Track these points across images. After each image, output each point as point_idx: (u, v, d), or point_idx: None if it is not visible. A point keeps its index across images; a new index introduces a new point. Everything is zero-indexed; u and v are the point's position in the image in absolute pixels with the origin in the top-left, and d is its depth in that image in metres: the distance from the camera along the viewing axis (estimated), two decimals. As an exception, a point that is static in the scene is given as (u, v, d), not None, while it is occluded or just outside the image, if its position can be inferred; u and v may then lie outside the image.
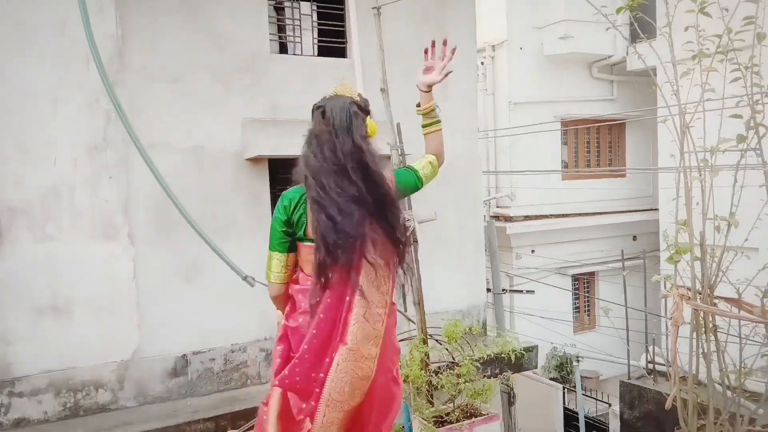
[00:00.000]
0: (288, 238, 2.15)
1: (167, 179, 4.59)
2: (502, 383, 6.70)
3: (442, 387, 3.79)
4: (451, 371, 3.84)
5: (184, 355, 4.92)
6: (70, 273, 4.58)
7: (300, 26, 5.70)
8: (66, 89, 4.56)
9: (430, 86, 2.31)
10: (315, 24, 5.78)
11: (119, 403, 4.67)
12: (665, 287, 3.25)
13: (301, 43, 5.73)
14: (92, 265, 4.64)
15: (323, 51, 5.83)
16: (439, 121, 2.38)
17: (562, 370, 10.97)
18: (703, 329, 3.00)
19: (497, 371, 4.64)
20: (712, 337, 3.02)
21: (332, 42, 5.77)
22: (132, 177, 4.74)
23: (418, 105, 2.41)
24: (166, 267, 4.89)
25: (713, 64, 2.96)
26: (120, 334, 4.69)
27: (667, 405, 3.07)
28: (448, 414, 3.78)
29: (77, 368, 4.54)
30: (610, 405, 8.82)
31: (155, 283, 4.84)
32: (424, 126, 2.43)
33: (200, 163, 5.01)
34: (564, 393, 9.11)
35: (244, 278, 4.87)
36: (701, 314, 2.97)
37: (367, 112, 2.23)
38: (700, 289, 3.00)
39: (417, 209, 4.36)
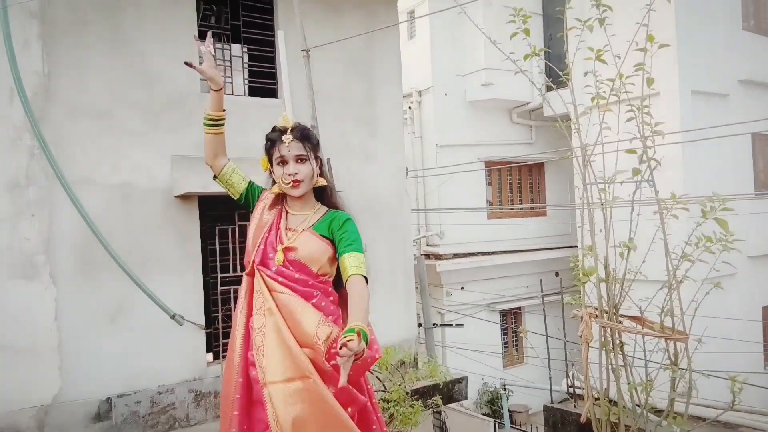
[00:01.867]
0: None
1: (93, 216, 4.56)
2: (435, 418, 6.82)
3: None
4: (382, 399, 3.94)
5: (109, 398, 4.77)
6: (-14, 315, 4.39)
7: (231, 67, 5.84)
8: (-14, 125, 4.46)
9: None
10: (246, 65, 5.94)
11: (37, 450, 4.45)
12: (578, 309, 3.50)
13: (232, 83, 5.86)
14: (10, 306, 4.47)
15: (254, 91, 5.98)
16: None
17: (494, 405, 11.19)
18: (611, 345, 3.27)
19: (429, 400, 4.76)
20: (620, 353, 3.29)
21: (263, 83, 5.94)
22: (55, 214, 4.65)
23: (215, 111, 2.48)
24: (90, 307, 4.77)
25: (609, 105, 3.32)
26: (40, 377, 4.50)
27: (582, 419, 3.29)
28: (379, 441, 3.85)
29: (-9, 415, 4.32)
30: (538, 436, 9.08)
31: (78, 324, 4.70)
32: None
33: (128, 200, 4.97)
34: (495, 427, 9.30)
35: (173, 317, 4.83)
36: (608, 331, 3.24)
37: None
38: (607, 308, 3.28)
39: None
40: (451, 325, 10.50)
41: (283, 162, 2.37)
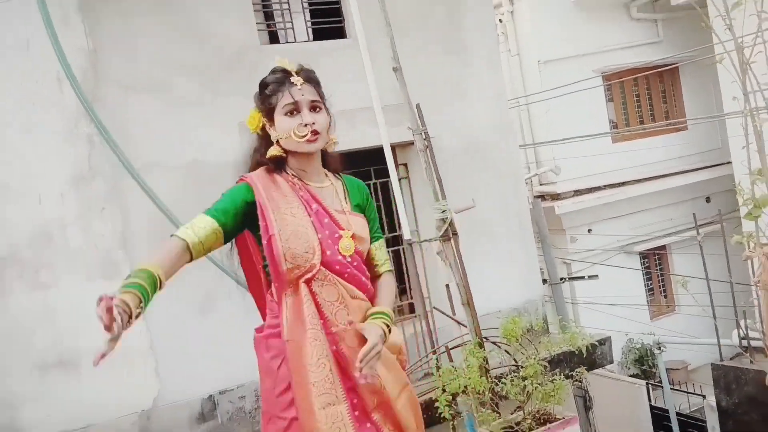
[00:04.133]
0: None
1: (165, 201, 4.80)
2: (575, 386, 6.80)
3: (507, 395, 3.92)
4: (516, 375, 3.97)
5: (211, 396, 5.12)
6: (72, 321, 4.76)
7: (289, 10, 5.86)
8: (40, 115, 4.75)
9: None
10: (306, 5, 5.95)
11: (146, 458, 4.88)
12: (749, 247, 3.33)
13: (293, 28, 5.90)
14: (95, 309, 4.83)
15: (319, 34, 5.99)
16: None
17: (643, 364, 11.01)
18: (797, 289, 3.09)
19: (568, 370, 4.75)
20: (809, 297, 3.11)
21: (328, 23, 5.93)
22: (127, 205, 4.93)
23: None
24: (177, 301, 5.05)
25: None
26: (137, 381, 4.89)
27: (768, 381, 3.17)
28: (518, 423, 3.90)
29: (95, 425, 4.74)
30: (704, 397, 8.85)
31: (168, 320, 5.00)
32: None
33: (199, 179, 5.18)
34: (649, 390, 9.16)
35: (266, 301, 5.05)
36: (792, 272, 3.06)
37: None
38: (788, 244, 3.09)
39: (452, 197, 4.49)
40: (582, 277, 10.32)
41: (295, 110, 2.20)
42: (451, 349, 4.87)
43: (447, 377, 4.00)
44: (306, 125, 2.16)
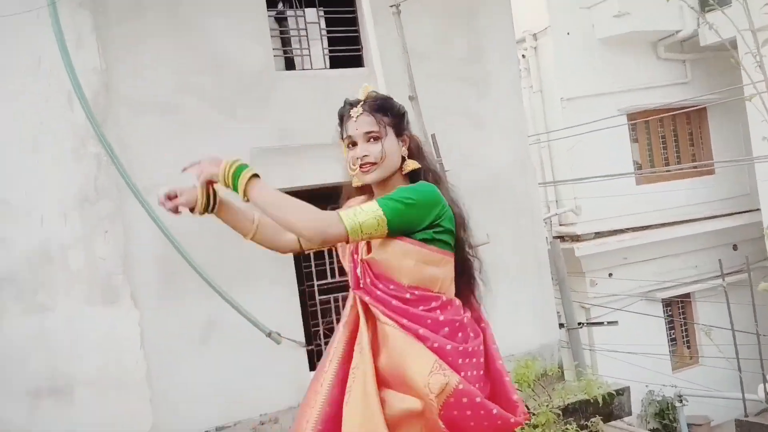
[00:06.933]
0: None
1: (170, 227, 4.79)
2: (590, 438, 6.64)
3: (516, 443, 3.81)
4: (527, 423, 3.87)
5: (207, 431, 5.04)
6: (69, 346, 4.76)
7: (307, 37, 5.92)
8: (47, 134, 4.81)
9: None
10: (324, 32, 6.01)
11: (137, 495, 4.79)
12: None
13: (309, 55, 5.95)
14: (93, 335, 4.82)
15: (336, 62, 6.03)
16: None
17: (664, 418, 10.75)
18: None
19: (582, 420, 4.63)
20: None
21: (345, 51, 5.97)
22: (130, 228, 4.94)
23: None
24: (178, 329, 5.04)
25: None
26: (131, 412, 4.84)
27: (795, 439, 3.05)
28: (528, 474, 3.80)
29: (85, 458, 4.69)
30: (728, 456, 8.63)
31: (166, 349, 4.99)
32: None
33: (207, 205, 5.18)
34: (669, 446, 8.94)
35: (269, 335, 4.99)
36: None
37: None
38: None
39: (465, 233, 4.44)
40: (601, 323, 10.14)
41: (353, 143, 2.23)
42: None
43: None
44: (358, 158, 2.20)
